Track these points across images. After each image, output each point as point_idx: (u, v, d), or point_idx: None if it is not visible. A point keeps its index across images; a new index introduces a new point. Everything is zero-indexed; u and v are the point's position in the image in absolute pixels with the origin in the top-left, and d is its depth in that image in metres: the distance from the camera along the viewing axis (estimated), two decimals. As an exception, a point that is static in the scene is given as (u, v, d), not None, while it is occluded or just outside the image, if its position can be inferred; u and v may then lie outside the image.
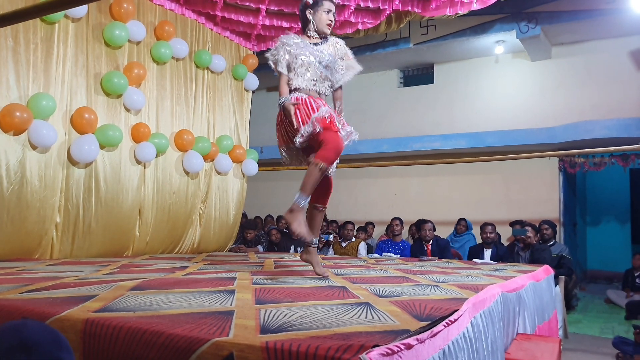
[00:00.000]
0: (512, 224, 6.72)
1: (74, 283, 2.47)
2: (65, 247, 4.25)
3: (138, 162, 4.74)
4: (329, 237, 6.70)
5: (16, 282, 2.50)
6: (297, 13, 3.18)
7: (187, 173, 5.31)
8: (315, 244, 2.98)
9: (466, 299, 2.08)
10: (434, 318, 1.69)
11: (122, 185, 4.60)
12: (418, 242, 6.11)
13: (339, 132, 2.86)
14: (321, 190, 2.98)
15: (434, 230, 6.03)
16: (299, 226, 2.64)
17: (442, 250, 5.74)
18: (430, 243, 5.89)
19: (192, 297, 2.10)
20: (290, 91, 2.98)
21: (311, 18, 3.06)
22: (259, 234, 6.54)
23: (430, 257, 5.28)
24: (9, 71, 3.75)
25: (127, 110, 4.67)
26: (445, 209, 7.92)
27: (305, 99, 2.91)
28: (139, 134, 4.67)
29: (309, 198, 2.80)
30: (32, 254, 4.05)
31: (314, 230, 2.95)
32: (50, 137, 3.90)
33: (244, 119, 6.22)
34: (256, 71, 6.34)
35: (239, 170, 6.07)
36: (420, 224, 6.06)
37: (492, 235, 5.69)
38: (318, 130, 2.76)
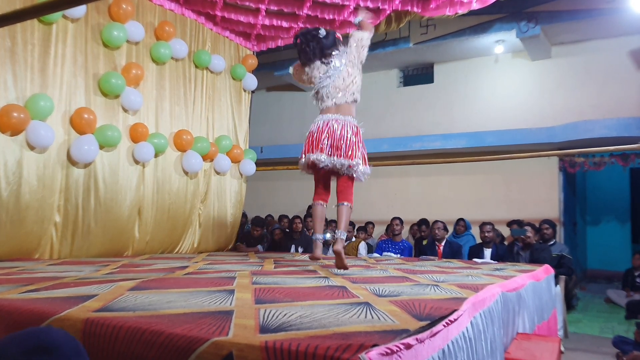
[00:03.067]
0: (510, 223, 6.72)
1: (73, 283, 2.47)
2: (64, 247, 4.25)
3: (136, 162, 4.74)
4: (328, 237, 6.69)
5: (16, 282, 2.50)
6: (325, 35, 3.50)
7: (186, 173, 5.31)
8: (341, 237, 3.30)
9: (466, 298, 2.08)
10: (433, 318, 1.69)
11: (120, 185, 4.60)
12: (431, 241, 6.09)
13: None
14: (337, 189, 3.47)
15: (446, 230, 6.02)
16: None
17: (455, 253, 5.73)
18: (443, 244, 5.88)
19: (192, 297, 2.10)
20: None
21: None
22: (264, 233, 6.56)
23: (429, 257, 5.28)
24: (6, 72, 3.75)
25: (125, 110, 4.67)
26: (445, 208, 7.92)
27: None
28: (137, 134, 4.67)
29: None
30: (31, 254, 4.05)
31: (343, 225, 3.38)
32: (48, 138, 3.89)
33: (242, 119, 6.22)
34: (256, 71, 6.34)
35: (237, 171, 6.07)
36: (433, 223, 6.07)
37: (490, 234, 5.70)
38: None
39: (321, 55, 3.49)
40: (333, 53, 3.50)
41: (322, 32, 3.47)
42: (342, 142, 3.31)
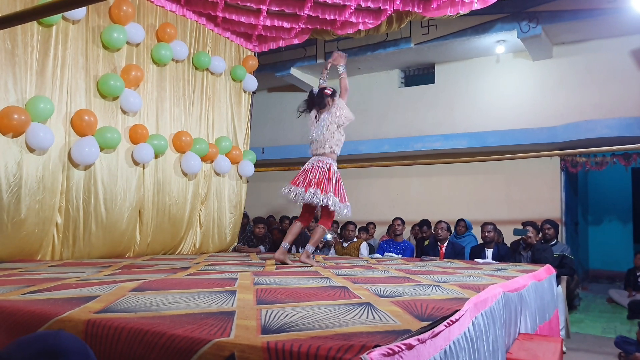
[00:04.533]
0: (524, 224, 6.67)
1: (75, 284, 2.47)
2: (66, 249, 4.26)
3: (136, 163, 4.74)
4: (329, 237, 6.69)
5: (18, 283, 2.50)
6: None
7: (185, 174, 5.31)
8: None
9: (467, 298, 2.07)
10: (435, 318, 1.69)
11: (120, 187, 4.60)
12: (432, 241, 6.07)
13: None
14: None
15: (449, 231, 6.00)
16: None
17: (457, 254, 5.71)
18: (445, 245, 5.86)
19: (194, 298, 2.10)
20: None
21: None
22: (266, 233, 6.57)
23: (431, 257, 5.27)
24: (7, 74, 3.76)
25: (124, 112, 4.67)
26: (447, 209, 7.91)
27: None
28: (136, 136, 4.68)
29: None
30: (33, 255, 4.05)
31: (313, 241, 4.07)
32: (48, 140, 3.90)
33: (242, 121, 6.21)
34: (257, 72, 6.33)
35: (237, 172, 6.07)
36: (436, 224, 6.06)
37: (491, 234, 5.68)
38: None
39: (318, 107, 4.15)
40: (325, 109, 4.12)
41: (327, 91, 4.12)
42: (313, 180, 3.90)
